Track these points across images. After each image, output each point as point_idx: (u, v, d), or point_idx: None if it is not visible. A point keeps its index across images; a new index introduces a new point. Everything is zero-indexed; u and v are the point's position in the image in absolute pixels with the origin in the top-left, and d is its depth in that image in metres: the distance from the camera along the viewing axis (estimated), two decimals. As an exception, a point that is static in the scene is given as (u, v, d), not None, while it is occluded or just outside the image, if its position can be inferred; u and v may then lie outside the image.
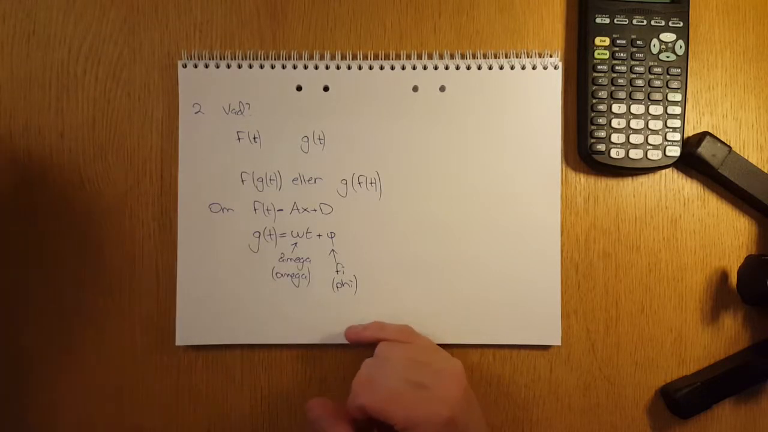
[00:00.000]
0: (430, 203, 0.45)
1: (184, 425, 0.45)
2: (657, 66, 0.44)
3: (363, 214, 0.45)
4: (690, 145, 0.44)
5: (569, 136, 0.46)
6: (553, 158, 0.45)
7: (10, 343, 0.45)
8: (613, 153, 0.44)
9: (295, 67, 0.45)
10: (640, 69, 0.44)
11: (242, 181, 0.45)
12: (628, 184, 0.46)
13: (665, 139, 0.44)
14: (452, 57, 0.45)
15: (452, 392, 0.38)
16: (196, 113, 0.45)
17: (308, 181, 0.45)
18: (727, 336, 0.46)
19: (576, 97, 0.46)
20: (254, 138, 0.45)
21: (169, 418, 0.45)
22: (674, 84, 0.44)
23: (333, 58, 0.45)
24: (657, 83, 0.44)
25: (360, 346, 0.43)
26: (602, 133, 0.44)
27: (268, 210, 0.45)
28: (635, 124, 0.44)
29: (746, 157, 0.44)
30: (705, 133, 0.44)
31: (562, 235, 0.45)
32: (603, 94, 0.44)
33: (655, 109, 0.44)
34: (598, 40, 0.44)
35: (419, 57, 0.45)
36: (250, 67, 0.45)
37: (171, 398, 0.45)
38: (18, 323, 0.45)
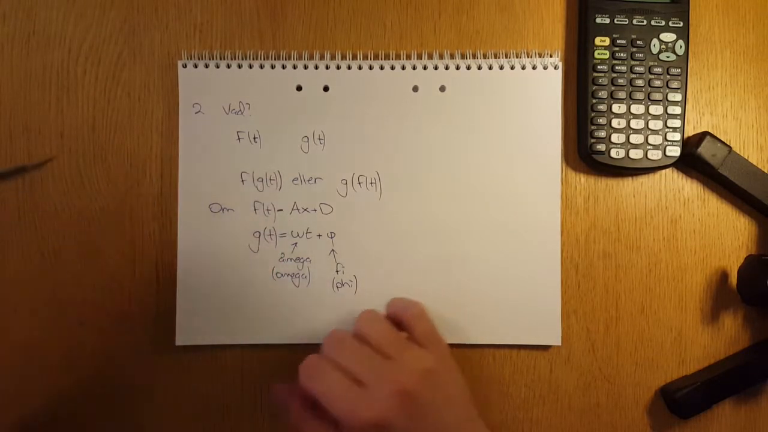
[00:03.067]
0: (430, 203, 0.45)
1: (183, 425, 0.45)
2: (657, 66, 0.44)
3: (363, 214, 0.45)
4: (690, 145, 0.44)
5: (569, 136, 0.46)
6: (553, 158, 0.45)
7: (10, 344, 0.45)
8: (613, 153, 0.44)
9: (295, 67, 0.45)
10: (640, 69, 0.44)
11: (242, 181, 0.45)
12: (628, 184, 0.46)
13: (665, 139, 0.44)
14: (452, 57, 0.45)
15: (384, 395, 0.36)
16: (196, 113, 0.45)
17: (308, 181, 0.45)
18: (727, 336, 0.46)
19: (576, 97, 0.46)
20: (254, 138, 0.45)
21: (168, 418, 0.45)
22: (674, 84, 0.44)
23: (333, 58, 0.45)
24: (657, 83, 0.44)
25: None
26: (602, 133, 0.44)
27: (268, 210, 0.45)
28: (635, 124, 0.44)
29: (746, 157, 0.44)
30: (705, 133, 0.44)
31: (562, 235, 0.45)
32: (603, 94, 0.44)
33: (655, 109, 0.44)
34: (598, 40, 0.44)
35: (419, 57, 0.45)
36: (250, 67, 0.45)
37: (171, 398, 0.45)
38: (18, 323, 0.45)
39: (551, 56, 0.45)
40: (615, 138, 0.44)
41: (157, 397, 0.45)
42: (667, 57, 0.44)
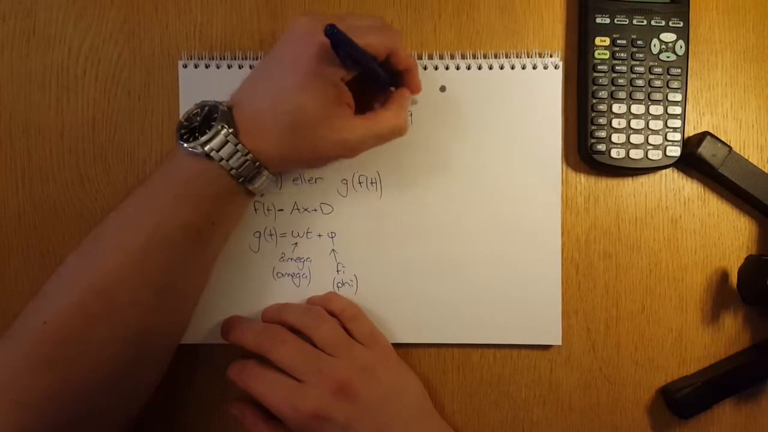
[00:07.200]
0: (430, 203, 0.45)
1: (184, 425, 0.45)
2: (657, 66, 0.44)
3: (363, 214, 0.45)
4: (690, 145, 0.44)
5: (569, 136, 0.46)
6: (553, 158, 0.45)
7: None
8: (614, 153, 0.44)
9: (295, 67, 0.45)
10: (641, 69, 0.44)
11: (242, 181, 0.45)
12: (628, 184, 0.46)
13: (665, 139, 0.44)
14: (452, 57, 0.45)
15: (321, 389, 0.38)
16: (196, 113, 0.45)
17: (308, 180, 0.45)
18: (727, 336, 0.46)
19: (576, 97, 0.46)
20: (254, 138, 0.45)
21: (169, 418, 0.45)
22: (674, 84, 0.44)
23: (333, 58, 0.45)
24: (657, 83, 0.44)
25: None
26: (602, 133, 0.44)
27: (268, 210, 0.45)
28: (635, 124, 0.44)
29: (746, 157, 0.44)
30: (705, 133, 0.44)
31: (562, 235, 0.45)
32: (603, 94, 0.44)
33: (656, 109, 0.44)
34: (598, 40, 0.44)
35: (419, 57, 0.45)
36: (251, 67, 0.45)
37: (171, 398, 0.45)
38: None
39: (551, 56, 0.45)
40: (615, 138, 0.44)
41: (157, 396, 0.45)
42: (667, 57, 0.44)
